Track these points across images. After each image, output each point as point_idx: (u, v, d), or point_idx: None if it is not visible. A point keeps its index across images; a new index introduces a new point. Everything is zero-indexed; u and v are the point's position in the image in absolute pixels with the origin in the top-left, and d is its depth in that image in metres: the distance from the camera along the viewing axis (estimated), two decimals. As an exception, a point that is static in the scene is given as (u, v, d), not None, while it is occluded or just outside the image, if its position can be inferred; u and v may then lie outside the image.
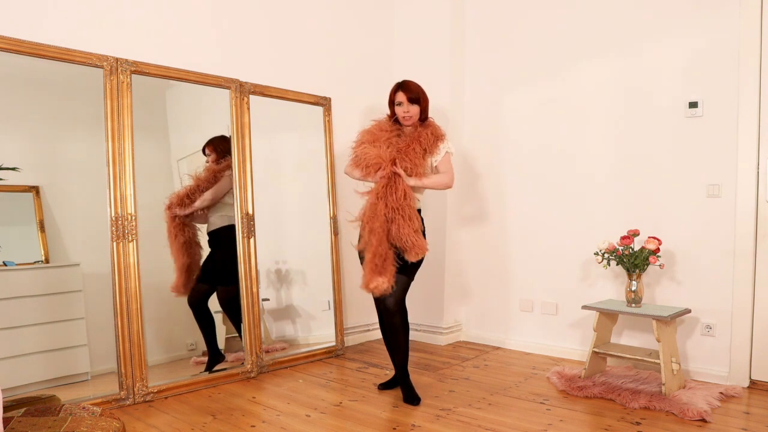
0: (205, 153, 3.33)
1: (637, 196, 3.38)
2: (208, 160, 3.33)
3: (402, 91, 2.92)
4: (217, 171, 3.33)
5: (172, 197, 3.21)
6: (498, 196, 4.01)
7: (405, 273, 2.84)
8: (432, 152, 2.90)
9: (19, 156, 2.60)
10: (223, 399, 2.90)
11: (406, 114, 2.91)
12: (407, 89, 2.92)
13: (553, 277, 3.74)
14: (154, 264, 3.03)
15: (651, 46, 3.32)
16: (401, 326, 2.87)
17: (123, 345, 2.78)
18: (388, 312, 2.86)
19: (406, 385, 2.89)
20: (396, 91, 2.95)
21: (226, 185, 3.32)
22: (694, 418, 2.54)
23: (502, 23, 3.98)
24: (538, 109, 3.81)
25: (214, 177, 3.32)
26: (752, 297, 3.01)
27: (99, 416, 1.90)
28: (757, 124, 2.98)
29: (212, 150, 3.34)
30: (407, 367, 2.92)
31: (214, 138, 3.35)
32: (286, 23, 3.72)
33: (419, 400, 2.83)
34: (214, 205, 3.33)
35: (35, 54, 2.60)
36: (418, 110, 2.92)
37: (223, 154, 3.34)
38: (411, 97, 2.90)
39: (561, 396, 2.91)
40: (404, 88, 2.93)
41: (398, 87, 2.96)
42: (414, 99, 2.90)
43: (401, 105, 2.92)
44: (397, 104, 2.94)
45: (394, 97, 2.96)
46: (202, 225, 3.33)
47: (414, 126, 2.95)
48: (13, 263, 2.66)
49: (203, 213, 3.32)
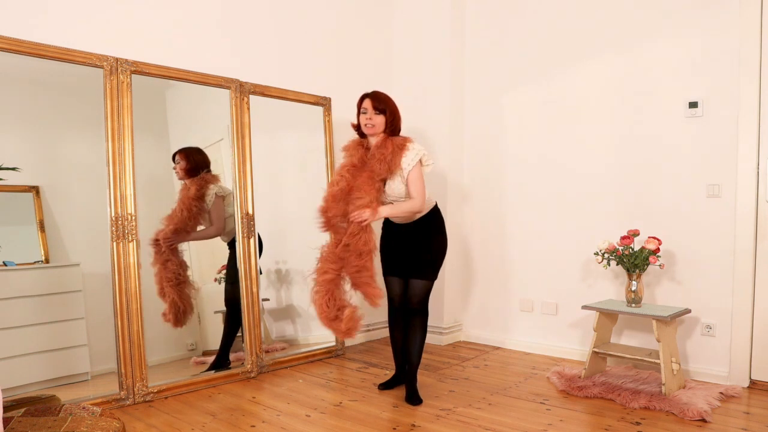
0: (175, 160, 3.19)
1: (637, 196, 3.38)
2: (176, 168, 3.18)
3: (369, 98, 2.79)
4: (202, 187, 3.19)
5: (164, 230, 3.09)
6: (498, 195, 4.01)
7: (422, 275, 2.85)
8: (396, 166, 2.72)
9: (19, 156, 2.60)
10: (223, 399, 2.90)
11: (368, 122, 2.77)
12: (375, 98, 2.79)
13: (553, 277, 3.74)
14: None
15: (651, 46, 3.32)
16: (420, 327, 2.90)
17: (123, 345, 2.78)
18: (412, 312, 2.88)
19: (411, 385, 2.88)
20: (363, 99, 2.83)
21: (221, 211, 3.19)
22: (694, 418, 2.54)
23: (502, 25, 3.98)
24: (538, 109, 3.81)
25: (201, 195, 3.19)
26: (752, 297, 3.01)
27: (99, 416, 1.90)
28: (757, 124, 2.98)
29: (183, 158, 3.18)
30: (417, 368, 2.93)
31: (188, 147, 3.22)
32: (287, 23, 3.71)
33: (421, 401, 2.83)
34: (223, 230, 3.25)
35: (35, 54, 2.60)
36: (382, 121, 2.77)
37: (194, 165, 3.17)
38: (377, 106, 2.76)
39: (561, 396, 2.91)
40: (372, 96, 2.80)
41: (366, 95, 2.83)
42: (380, 109, 2.76)
43: (365, 113, 2.79)
44: (362, 112, 2.81)
45: (360, 105, 2.83)
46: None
47: (380, 141, 2.80)
48: (13, 263, 2.66)
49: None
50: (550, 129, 3.75)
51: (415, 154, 2.73)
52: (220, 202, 3.26)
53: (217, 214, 3.25)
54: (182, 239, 3.15)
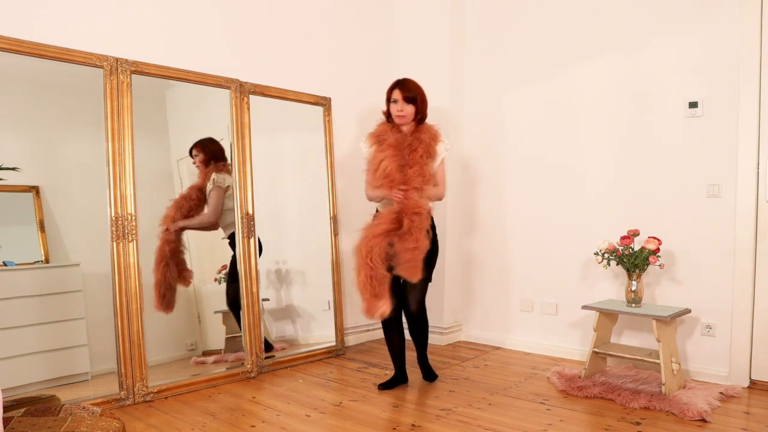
0: (192, 154, 3.29)
1: (637, 196, 3.38)
2: (195, 161, 3.29)
3: (399, 89, 2.91)
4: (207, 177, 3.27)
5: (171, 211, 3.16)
6: (498, 195, 4.01)
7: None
8: (432, 157, 2.90)
9: (19, 156, 2.60)
10: (223, 399, 2.90)
11: (399, 113, 2.90)
12: (404, 87, 2.91)
13: (553, 277, 3.74)
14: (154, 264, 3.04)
15: (651, 46, 3.32)
16: (423, 325, 3.08)
17: (123, 345, 2.78)
18: (412, 317, 3.03)
19: (425, 365, 3.16)
20: (393, 88, 2.94)
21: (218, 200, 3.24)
22: (694, 418, 2.54)
23: (502, 25, 3.98)
24: (537, 109, 3.81)
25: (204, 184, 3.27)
26: (752, 297, 3.01)
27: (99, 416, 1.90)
28: (757, 124, 2.98)
29: (200, 150, 3.29)
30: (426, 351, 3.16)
31: (202, 139, 3.31)
32: (286, 23, 3.71)
33: (436, 377, 3.15)
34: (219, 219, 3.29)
35: (35, 54, 2.60)
36: (413, 110, 2.90)
37: (212, 155, 3.28)
38: (407, 96, 2.89)
39: (561, 396, 2.91)
40: (401, 85, 2.92)
41: (396, 84, 2.96)
42: (410, 98, 2.89)
43: (396, 103, 2.91)
44: (392, 101, 2.92)
45: (390, 94, 2.95)
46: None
47: (411, 128, 2.93)
48: (13, 263, 2.66)
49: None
50: (550, 129, 3.75)
51: (445, 148, 2.96)
52: (219, 192, 3.27)
53: (214, 202, 3.25)
54: (178, 226, 3.18)
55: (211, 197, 3.26)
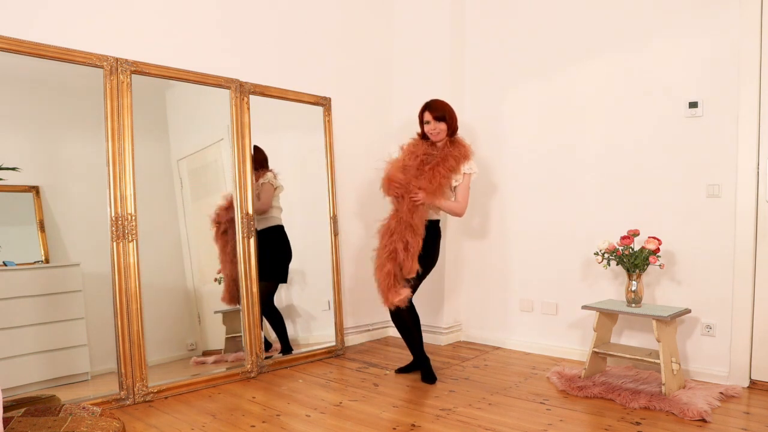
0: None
1: (637, 196, 3.38)
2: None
3: (428, 111, 3.17)
4: (258, 177, 3.47)
5: (219, 210, 3.34)
6: (498, 195, 4.01)
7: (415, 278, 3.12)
8: (456, 171, 3.12)
9: (19, 156, 2.60)
10: (223, 399, 2.90)
11: (433, 131, 3.17)
12: (433, 109, 3.17)
13: (553, 277, 3.74)
14: (154, 264, 3.03)
15: (651, 46, 3.32)
16: (412, 323, 3.22)
17: (123, 345, 2.78)
18: (396, 314, 3.18)
19: (425, 367, 3.22)
20: (423, 111, 3.20)
21: (268, 194, 3.50)
22: (694, 418, 2.54)
23: (502, 25, 3.98)
24: (537, 109, 3.81)
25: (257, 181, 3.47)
26: (752, 297, 3.01)
27: (99, 416, 1.90)
28: (757, 124, 2.98)
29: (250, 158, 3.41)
30: (424, 352, 3.26)
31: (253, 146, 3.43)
32: (286, 23, 3.71)
33: (435, 379, 3.16)
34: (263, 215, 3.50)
35: (35, 54, 2.60)
36: (445, 127, 3.16)
37: (259, 164, 3.46)
38: (437, 116, 3.15)
39: (561, 396, 2.91)
40: (430, 108, 3.18)
41: (425, 107, 3.20)
42: (440, 117, 3.15)
43: (428, 123, 3.18)
44: (425, 123, 3.19)
45: (422, 117, 3.21)
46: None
47: (445, 142, 3.17)
48: (13, 263, 2.66)
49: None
50: (549, 129, 3.75)
51: (469, 167, 3.16)
52: (269, 188, 3.52)
53: (265, 195, 3.50)
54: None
55: (262, 192, 3.50)
